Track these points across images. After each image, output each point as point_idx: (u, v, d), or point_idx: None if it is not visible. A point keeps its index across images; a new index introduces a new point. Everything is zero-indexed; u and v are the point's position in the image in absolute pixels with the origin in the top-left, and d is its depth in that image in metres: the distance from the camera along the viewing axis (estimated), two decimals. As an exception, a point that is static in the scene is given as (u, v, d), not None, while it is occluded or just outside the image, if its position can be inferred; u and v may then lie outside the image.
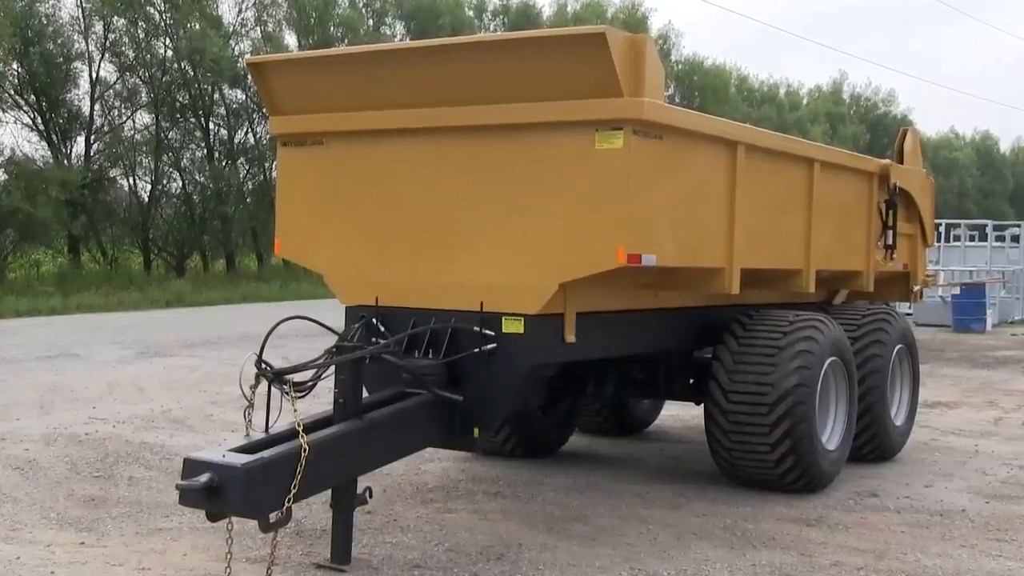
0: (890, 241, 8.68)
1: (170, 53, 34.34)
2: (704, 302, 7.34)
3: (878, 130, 70.06)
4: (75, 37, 32.81)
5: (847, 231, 8.23)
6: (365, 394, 5.67)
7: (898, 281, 9.55)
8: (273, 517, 4.78)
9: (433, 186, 6.09)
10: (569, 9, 50.68)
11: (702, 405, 7.35)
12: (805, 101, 67.88)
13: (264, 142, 36.81)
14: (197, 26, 33.62)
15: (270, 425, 5.13)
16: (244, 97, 36.58)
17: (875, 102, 73.66)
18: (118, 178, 35.52)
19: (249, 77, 26.19)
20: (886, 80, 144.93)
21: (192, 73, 34.91)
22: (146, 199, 35.73)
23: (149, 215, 35.06)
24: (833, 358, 7.35)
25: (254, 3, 37.17)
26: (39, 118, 32.34)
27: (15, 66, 31.30)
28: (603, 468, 8.04)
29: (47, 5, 31.87)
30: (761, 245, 6.95)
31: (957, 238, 26.37)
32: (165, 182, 36.47)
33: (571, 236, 5.67)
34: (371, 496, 5.51)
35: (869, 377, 8.16)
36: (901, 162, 9.26)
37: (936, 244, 22.29)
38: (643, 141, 5.62)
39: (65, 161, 32.23)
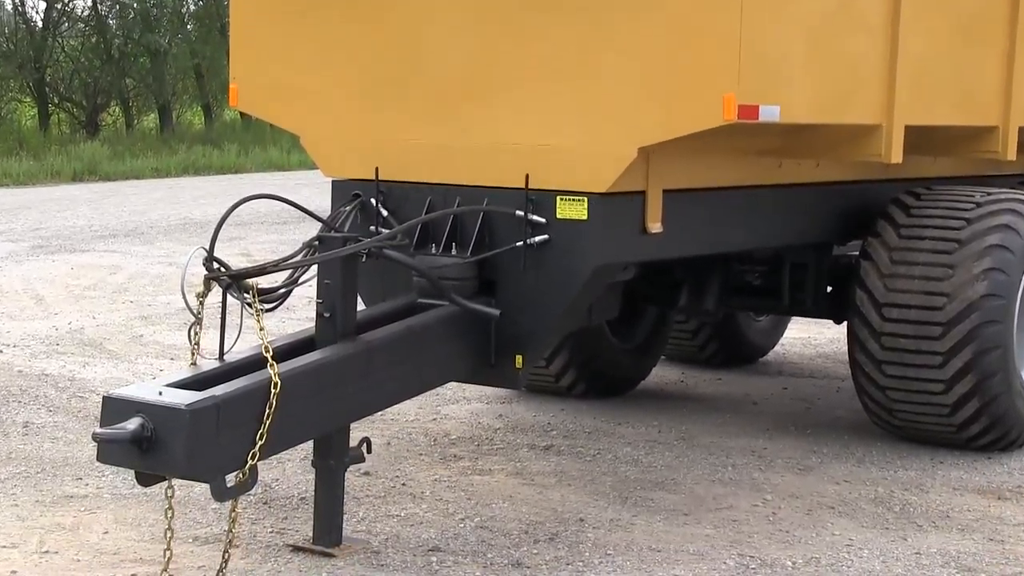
0: None
1: None
2: (850, 176, 7.33)
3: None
4: None
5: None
6: (361, 307, 5.76)
7: None
8: (231, 480, 4.90)
9: (458, 7, 6.09)
10: None
11: (844, 324, 7.39)
12: None
13: (210, -60, 36.64)
14: None
15: (226, 350, 5.24)
16: None
17: None
18: (-3, -6, 35.67)
19: None
20: None
21: None
22: (39, 24, 35.78)
23: (45, 48, 35.11)
24: (1041, 258, 7.34)
25: None
26: None
27: None
28: (700, 413, 8.12)
29: None
30: (936, 92, 6.91)
31: None
32: (67, 0, 36.48)
33: (657, 80, 5.66)
34: (370, 451, 5.61)
35: (1095, 286, 8.13)
36: None
37: None
38: (764, -61, 5.60)
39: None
